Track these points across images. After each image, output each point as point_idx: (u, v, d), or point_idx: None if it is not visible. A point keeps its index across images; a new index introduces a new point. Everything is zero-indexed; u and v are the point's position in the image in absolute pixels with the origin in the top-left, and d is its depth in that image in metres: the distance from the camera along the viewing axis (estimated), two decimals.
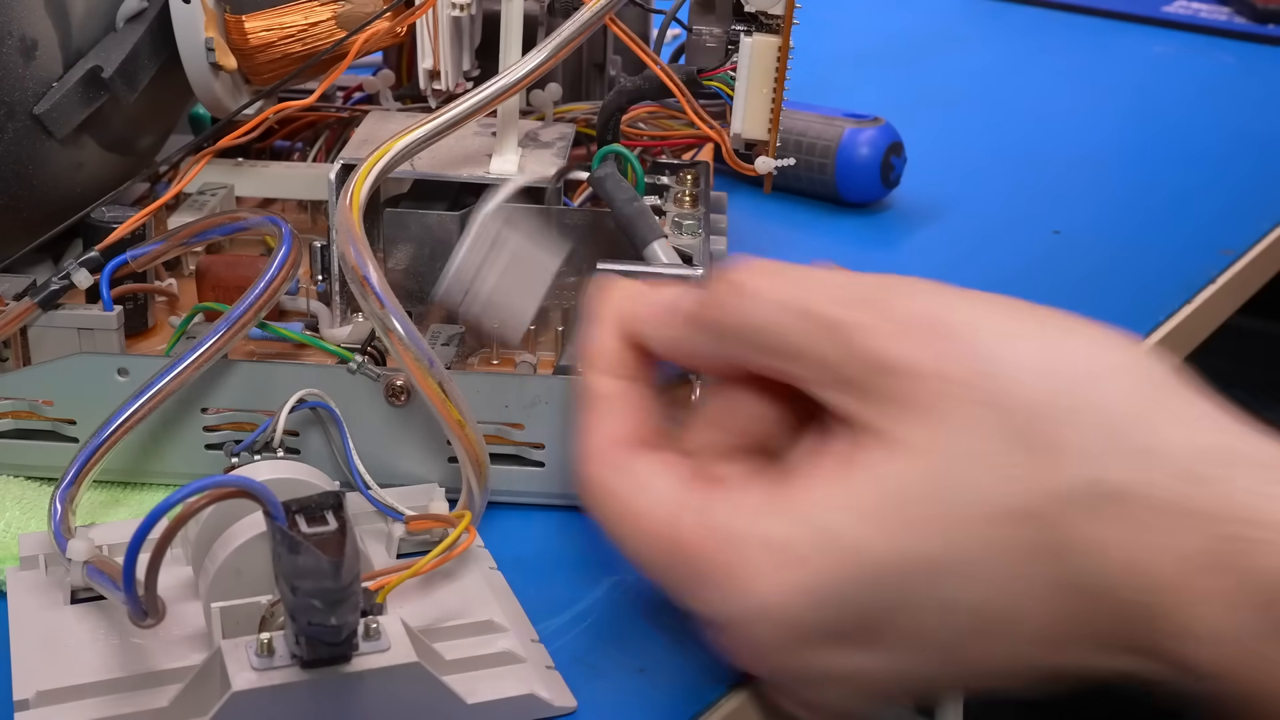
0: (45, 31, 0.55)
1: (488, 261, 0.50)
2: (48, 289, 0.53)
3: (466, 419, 0.46)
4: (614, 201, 0.53)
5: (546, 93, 0.62)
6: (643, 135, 0.64)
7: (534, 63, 0.52)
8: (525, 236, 0.50)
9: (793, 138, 0.80)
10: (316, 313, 0.57)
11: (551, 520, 0.53)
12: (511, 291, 0.51)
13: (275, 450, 0.51)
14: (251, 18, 0.59)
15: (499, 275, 0.50)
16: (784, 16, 0.52)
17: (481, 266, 0.50)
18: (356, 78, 0.69)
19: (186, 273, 0.62)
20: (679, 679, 0.45)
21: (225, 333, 0.50)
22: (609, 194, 0.53)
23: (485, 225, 0.50)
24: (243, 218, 0.57)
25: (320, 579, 0.37)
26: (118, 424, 0.48)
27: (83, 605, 0.46)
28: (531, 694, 0.43)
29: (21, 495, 0.52)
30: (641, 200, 0.53)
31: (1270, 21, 1.17)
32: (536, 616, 0.47)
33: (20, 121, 0.56)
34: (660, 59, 0.55)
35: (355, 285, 0.46)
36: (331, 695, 0.40)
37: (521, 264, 0.50)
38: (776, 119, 0.53)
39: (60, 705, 0.41)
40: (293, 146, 0.69)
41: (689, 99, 0.54)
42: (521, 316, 0.52)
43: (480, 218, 0.50)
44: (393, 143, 0.51)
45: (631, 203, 0.53)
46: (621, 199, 0.53)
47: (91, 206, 0.58)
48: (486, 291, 0.50)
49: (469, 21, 0.58)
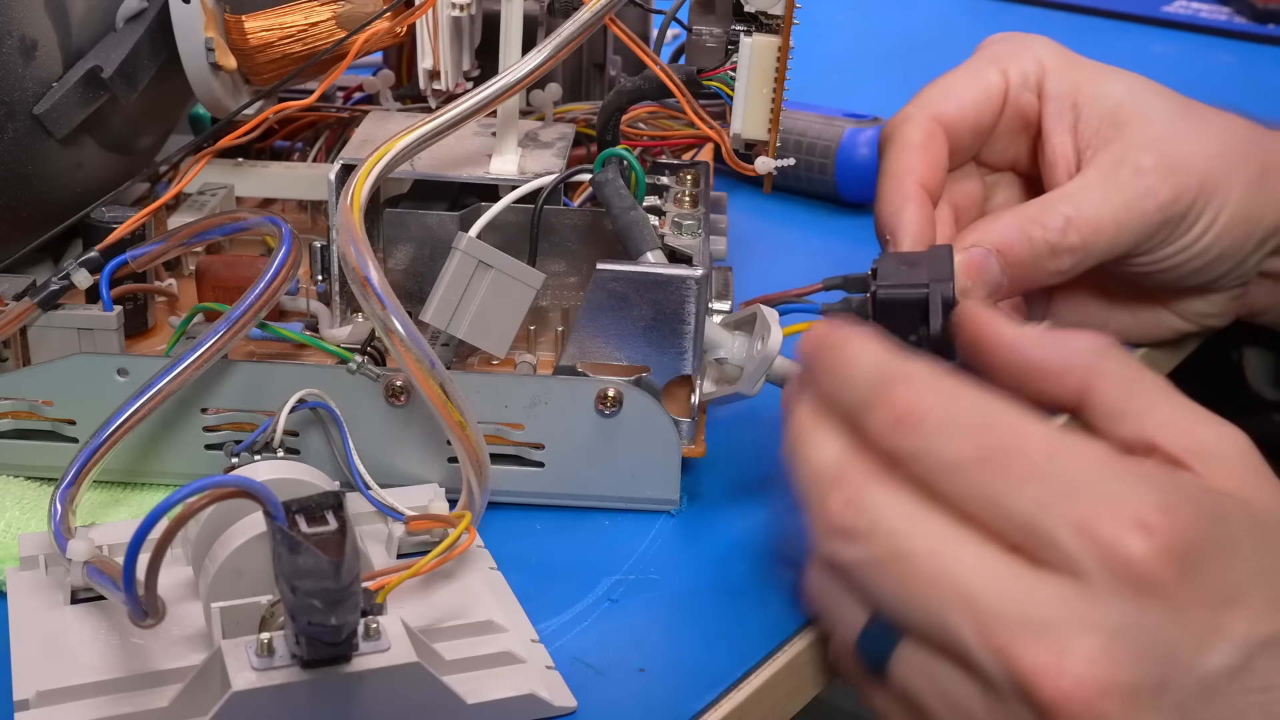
0: (45, 31, 0.55)
1: (470, 287, 0.51)
2: (48, 289, 0.53)
3: (467, 419, 0.46)
4: (612, 208, 0.53)
5: (546, 93, 0.62)
6: (643, 135, 0.64)
7: (534, 63, 0.52)
8: (505, 264, 0.51)
9: (793, 138, 0.80)
10: (316, 313, 0.57)
11: (551, 520, 0.53)
12: (492, 316, 0.51)
13: (275, 450, 0.51)
14: (251, 18, 0.59)
15: (480, 300, 0.51)
16: (784, 16, 0.52)
17: (465, 292, 0.51)
18: (356, 78, 0.69)
19: (186, 273, 0.62)
20: (679, 679, 0.45)
21: (225, 333, 0.50)
22: (608, 200, 0.53)
23: (467, 252, 0.51)
24: (243, 218, 0.57)
25: (320, 579, 0.37)
26: (118, 424, 0.48)
27: (83, 605, 0.46)
28: (531, 694, 0.43)
29: (21, 495, 0.52)
30: (639, 209, 0.53)
31: (1270, 21, 1.17)
32: (536, 616, 0.47)
33: (20, 121, 0.56)
34: (660, 59, 0.55)
35: (356, 285, 0.46)
36: (331, 695, 0.40)
37: (501, 290, 0.51)
38: (776, 119, 0.53)
39: (60, 705, 0.41)
40: (293, 146, 0.69)
41: (689, 99, 0.54)
42: (503, 339, 0.52)
43: (462, 244, 0.51)
44: (393, 143, 0.51)
45: (629, 211, 0.53)
46: (620, 207, 0.53)
47: (91, 206, 0.58)
48: (469, 316, 0.51)
49: (469, 21, 0.58)
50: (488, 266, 0.51)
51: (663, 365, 0.52)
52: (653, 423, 0.51)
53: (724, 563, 0.51)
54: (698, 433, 0.54)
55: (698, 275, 0.52)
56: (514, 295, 0.52)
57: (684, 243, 0.54)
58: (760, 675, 0.46)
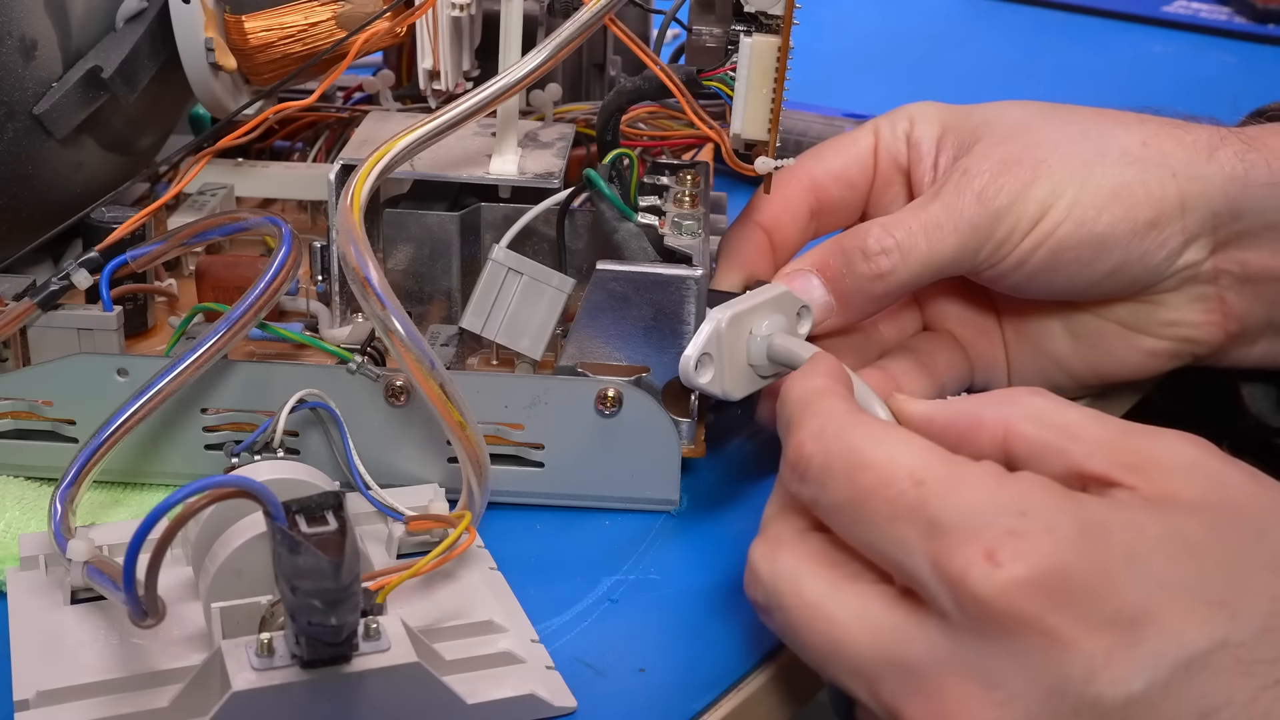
0: (45, 31, 0.55)
1: (501, 293, 0.53)
2: (48, 289, 0.53)
3: (467, 419, 0.46)
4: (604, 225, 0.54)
5: (546, 93, 0.62)
6: (643, 135, 0.64)
7: (534, 63, 0.52)
8: (535, 270, 0.53)
9: (793, 138, 0.80)
10: (316, 313, 0.57)
11: (551, 520, 0.53)
12: (524, 319, 0.53)
13: (275, 450, 0.51)
14: (251, 18, 0.59)
15: (513, 305, 0.53)
16: (784, 16, 0.52)
17: (496, 297, 0.53)
18: (356, 78, 0.69)
19: (186, 273, 0.62)
20: (679, 679, 0.45)
21: (225, 333, 0.50)
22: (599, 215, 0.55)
23: (495, 260, 0.53)
24: (243, 218, 0.57)
25: (320, 579, 0.37)
26: (118, 424, 0.48)
27: (83, 605, 0.46)
28: (531, 694, 0.43)
29: (21, 495, 0.52)
30: (627, 223, 0.54)
31: (1270, 21, 1.17)
32: (536, 616, 0.47)
33: (20, 121, 0.56)
34: (660, 59, 0.55)
35: (356, 285, 0.46)
36: (331, 695, 0.40)
37: (532, 295, 0.53)
38: (776, 119, 0.53)
39: (60, 705, 0.41)
40: (293, 146, 0.69)
41: (689, 99, 0.54)
42: (536, 342, 0.53)
43: (493, 253, 0.53)
44: (393, 143, 0.51)
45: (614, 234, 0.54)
46: (610, 226, 0.54)
47: (91, 206, 0.58)
48: (502, 320, 0.53)
49: (469, 21, 0.58)
50: (518, 273, 0.53)
51: (663, 365, 0.52)
52: (653, 423, 0.51)
53: (724, 563, 0.51)
54: (698, 433, 0.54)
55: (697, 275, 0.52)
56: (545, 300, 0.53)
57: (684, 243, 0.54)
58: (760, 675, 0.46)
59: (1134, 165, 0.55)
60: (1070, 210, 0.54)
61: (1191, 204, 0.54)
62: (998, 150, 0.55)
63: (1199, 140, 0.55)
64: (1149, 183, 0.54)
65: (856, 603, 0.39)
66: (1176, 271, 0.56)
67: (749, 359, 0.50)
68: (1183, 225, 0.55)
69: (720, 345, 0.49)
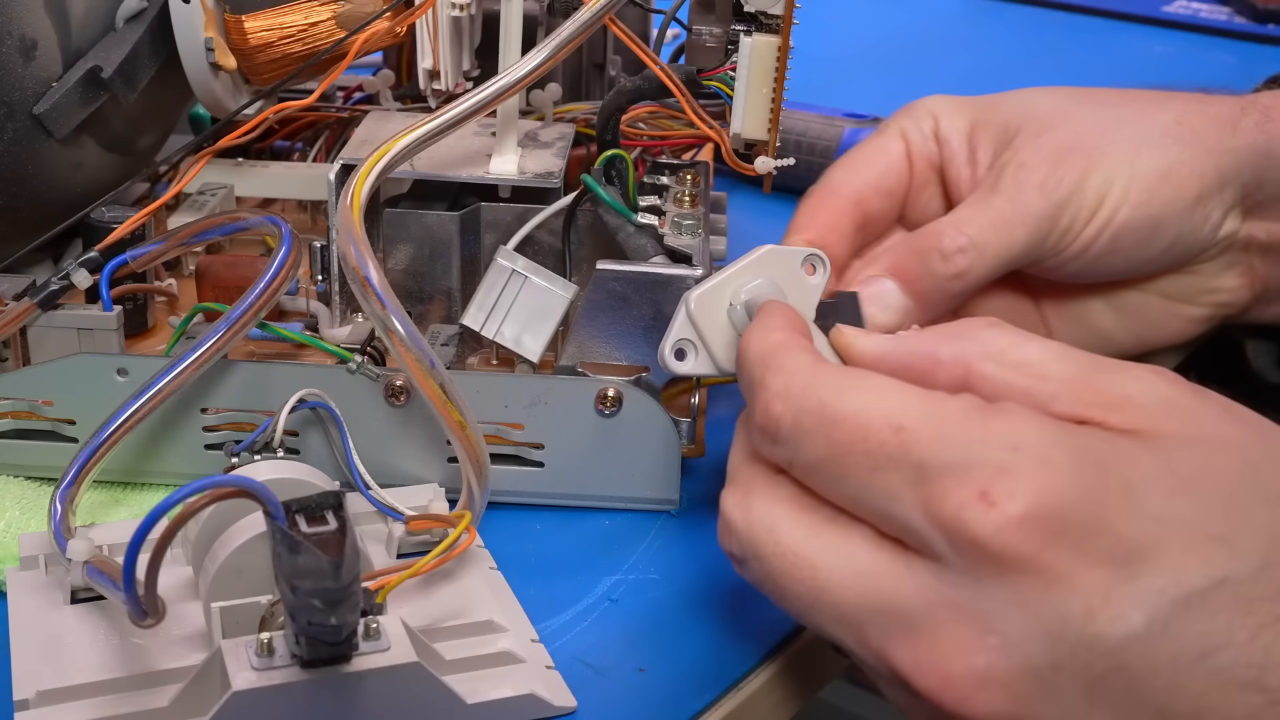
0: (45, 31, 0.55)
1: (504, 295, 0.53)
2: (48, 289, 0.53)
3: (467, 419, 0.46)
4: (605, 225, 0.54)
5: (546, 93, 0.62)
6: (643, 135, 0.64)
7: (534, 63, 0.52)
8: (538, 274, 0.53)
9: (793, 138, 0.80)
10: (316, 313, 0.57)
11: (551, 520, 0.53)
12: (526, 322, 0.53)
13: (275, 450, 0.51)
14: (251, 18, 0.59)
15: (515, 307, 0.53)
16: (784, 16, 0.52)
17: (498, 298, 0.53)
18: (356, 78, 0.69)
19: (186, 273, 0.62)
20: (679, 679, 0.45)
21: (225, 333, 0.50)
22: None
23: (499, 261, 0.53)
24: (243, 218, 0.57)
25: (320, 579, 0.37)
26: (118, 424, 0.48)
27: (83, 605, 0.46)
28: (531, 694, 0.43)
29: (21, 495, 0.52)
30: (627, 223, 0.54)
31: (1270, 21, 1.17)
32: (536, 616, 0.47)
33: (20, 121, 0.56)
34: (660, 59, 0.55)
35: (356, 285, 0.46)
36: (331, 695, 0.40)
37: (535, 298, 0.53)
38: (776, 119, 0.53)
39: (60, 705, 0.41)
40: (293, 146, 0.69)
41: (689, 99, 0.54)
42: (535, 345, 0.53)
43: (497, 255, 0.53)
44: (393, 143, 0.51)
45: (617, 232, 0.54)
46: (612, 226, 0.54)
47: (91, 206, 0.58)
48: (502, 321, 0.53)
49: (469, 21, 0.58)
50: (521, 276, 0.53)
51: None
52: (653, 423, 0.51)
53: (724, 563, 0.51)
54: (697, 433, 0.54)
55: (697, 275, 0.52)
56: (548, 304, 0.53)
57: (684, 243, 0.54)
58: (760, 675, 0.46)
59: (1175, 145, 0.55)
60: (1125, 195, 0.54)
61: (1226, 177, 0.56)
62: (1045, 140, 0.55)
63: (1222, 114, 0.57)
64: (1189, 161, 0.55)
65: (838, 546, 0.38)
66: (1217, 242, 0.57)
67: (737, 329, 0.48)
68: (1221, 198, 0.56)
69: (696, 327, 0.48)
